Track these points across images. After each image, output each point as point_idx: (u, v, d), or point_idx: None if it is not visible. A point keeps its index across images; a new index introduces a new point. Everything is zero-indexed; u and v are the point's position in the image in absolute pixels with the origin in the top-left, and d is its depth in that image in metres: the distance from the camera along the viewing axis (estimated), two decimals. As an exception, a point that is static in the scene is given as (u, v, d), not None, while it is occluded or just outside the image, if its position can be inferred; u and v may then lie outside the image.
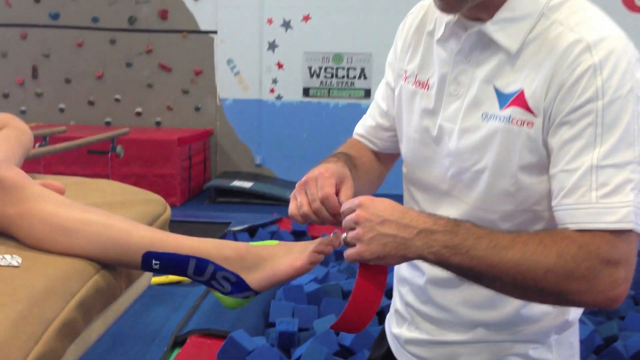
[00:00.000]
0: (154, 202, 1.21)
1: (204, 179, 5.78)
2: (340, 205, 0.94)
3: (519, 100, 0.92)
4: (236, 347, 2.53)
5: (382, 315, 2.48)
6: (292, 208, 0.98)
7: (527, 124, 0.92)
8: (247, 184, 5.26)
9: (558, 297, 0.87)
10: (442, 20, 1.02)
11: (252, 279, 0.99)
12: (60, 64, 6.01)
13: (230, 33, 5.79)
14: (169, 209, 1.23)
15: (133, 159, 4.86)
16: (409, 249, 0.86)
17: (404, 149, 1.12)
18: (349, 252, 0.88)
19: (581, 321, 2.76)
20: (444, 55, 1.02)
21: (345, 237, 0.89)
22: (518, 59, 0.93)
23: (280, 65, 5.78)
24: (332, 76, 5.68)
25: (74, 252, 0.95)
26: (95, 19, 5.93)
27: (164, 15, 5.87)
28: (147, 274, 1.19)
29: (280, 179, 5.74)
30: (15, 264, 0.86)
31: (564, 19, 0.91)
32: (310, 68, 5.73)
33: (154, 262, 0.96)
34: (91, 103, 6.04)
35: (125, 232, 0.97)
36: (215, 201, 5.30)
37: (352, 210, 0.89)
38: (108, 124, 6.03)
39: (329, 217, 0.95)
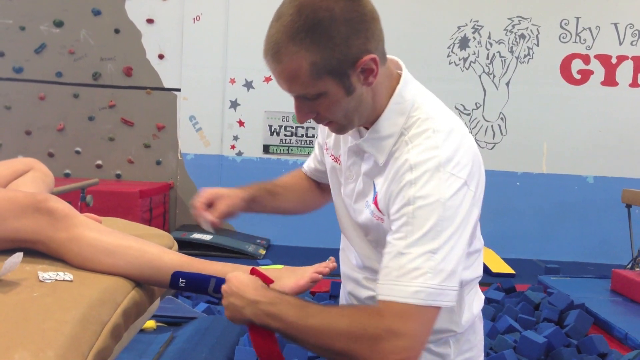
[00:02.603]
0: (163, 237, 1.39)
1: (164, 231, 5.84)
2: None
3: (375, 200, 1.19)
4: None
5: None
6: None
7: (380, 219, 1.18)
8: (207, 237, 5.37)
9: (351, 357, 1.04)
10: None
11: None
12: (21, 116, 6.06)
13: (193, 91, 5.98)
14: (176, 243, 1.40)
15: (95, 210, 4.91)
16: (243, 315, 1.10)
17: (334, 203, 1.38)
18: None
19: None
20: (346, 142, 1.27)
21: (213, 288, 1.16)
22: (385, 168, 1.17)
23: (241, 123, 5.99)
24: (291, 134, 5.92)
25: (115, 271, 1.12)
26: (59, 74, 6.04)
27: (128, 72, 6.03)
28: (159, 299, 1.34)
29: (239, 232, 5.87)
30: (68, 279, 1.02)
31: (410, 138, 1.14)
32: (270, 126, 5.95)
33: (180, 280, 1.13)
34: (51, 155, 6.09)
35: (157, 255, 1.15)
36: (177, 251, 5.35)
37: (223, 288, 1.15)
38: (67, 175, 6.08)
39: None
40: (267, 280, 1.15)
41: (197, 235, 5.40)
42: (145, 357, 3.17)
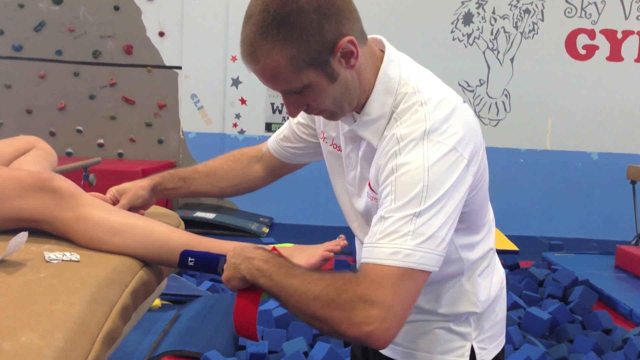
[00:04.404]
0: (170, 216, 1.37)
1: (166, 210, 5.83)
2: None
3: (369, 182, 1.17)
4: (210, 367, 2.62)
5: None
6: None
7: (375, 199, 1.16)
8: (210, 215, 5.36)
9: (325, 323, 1.02)
10: None
11: None
12: (22, 95, 6.03)
13: (194, 69, 5.93)
14: (182, 223, 1.38)
15: (97, 189, 4.90)
16: (238, 271, 1.08)
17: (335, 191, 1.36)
18: (223, 278, 1.12)
19: (533, 343, 2.97)
20: (343, 129, 1.24)
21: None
22: (378, 149, 1.15)
23: (243, 101, 5.95)
24: (293, 112, 5.88)
25: (122, 251, 1.10)
26: (59, 52, 6.00)
27: (128, 50, 5.98)
28: (166, 279, 1.33)
29: (242, 210, 5.86)
30: (75, 259, 1.00)
31: (398, 114, 1.12)
32: (272, 104, 5.92)
33: (189, 259, 1.11)
34: (52, 134, 6.07)
35: (165, 234, 1.13)
36: (179, 231, 5.36)
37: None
38: (69, 154, 6.06)
39: None
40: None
41: (200, 214, 5.39)
42: (151, 335, 3.18)
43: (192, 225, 5.34)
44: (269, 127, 5.94)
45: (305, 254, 1.18)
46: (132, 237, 1.11)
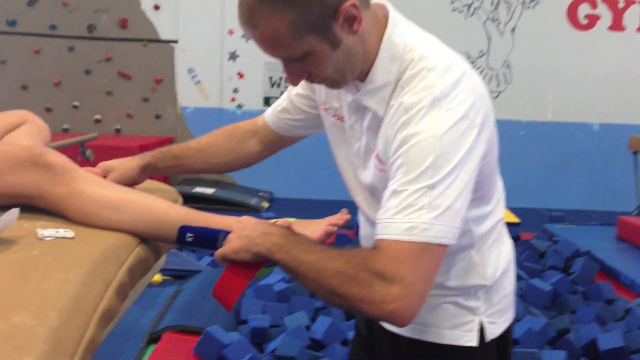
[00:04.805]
0: (168, 191, 1.33)
1: (165, 186, 5.81)
2: None
3: (377, 153, 1.13)
4: (212, 341, 2.61)
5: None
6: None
7: (383, 171, 1.12)
8: (209, 190, 5.34)
9: (346, 300, 1.00)
10: None
11: None
12: (17, 71, 5.97)
13: (191, 43, 5.86)
14: (181, 197, 1.34)
15: (95, 165, 4.88)
16: (253, 245, 1.04)
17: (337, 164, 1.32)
18: (221, 250, 1.07)
19: (535, 315, 2.97)
20: (346, 99, 1.20)
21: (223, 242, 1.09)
22: (384, 119, 1.10)
23: (241, 75, 5.89)
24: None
25: (118, 227, 1.06)
26: (53, 27, 5.92)
27: (123, 24, 5.91)
28: (165, 255, 1.30)
29: (241, 185, 5.83)
30: (69, 236, 0.96)
31: (404, 82, 1.08)
32: (271, 78, 5.86)
33: (188, 235, 1.07)
34: (48, 110, 6.01)
35: (163, 209, 1.09)
36: (179, 207, 5.35)
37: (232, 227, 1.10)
38: (66, 130, 6.01)
39: None
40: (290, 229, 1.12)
41: (199, 189, 5.37)
42: (152, 311, 3.17)
43: (191, 200, 5.31)
44: (267, 102, 5.88)
45: (307, 229, 1.14)
46: (129, 212, 1.07)
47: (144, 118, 6.01)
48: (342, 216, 1.21)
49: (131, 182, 1.33)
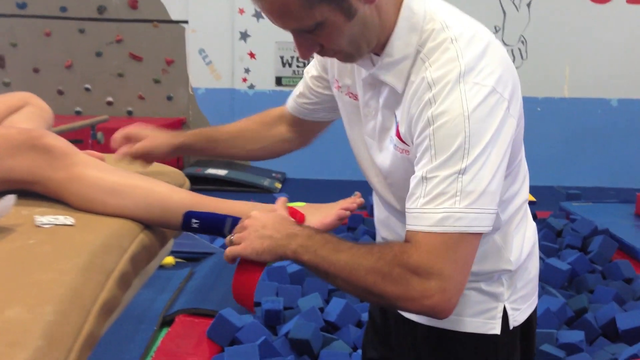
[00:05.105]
0: (174, 174, 1.29)
1: (178, 167, 5.77)
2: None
3: (397, 131, 1.05)
4: (225, 324, 2.59)
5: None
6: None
7: (405, 151, 1.05)
8: (221, 172, 5.30)
9: (382, 298, 0.96)
10: None
11: None
12: (28, 54, 5.95)
13: (201, 23, 5.80)
14: (188, 181, 1.30)
15: (107, 148, 4.85)
16: (278, 247, 1.00)
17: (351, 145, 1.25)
18: (232, 249, 1.02)
19: (552, 294, 2.92)
20: (360, 75, 1.13)
21: (232, 238, 1.03)
22: (403, 95, 1.03)
23: (252, 55, 5.83)
24: (304, 65, 5.73)
25: (121, 213, 1.02)
26: (63, 9, 5.88)
27: (133, 4, 5.85)
28: (171, 241, 1.26)
29: (254, 166, 5.80)
30: (69, 223, 0.93)
31: (426, 54, 1.00)
32: (282, 57, 5.79)
33: (193, 221, 1.03)
34: (60, 92, 6.00)
35: (167, 194, 1.05)
36: (190, 188, 5.33)
37: (243, 222, 1.04)
38: (78, 113, 6.00)
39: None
40: (300, 218, 1.07)
41: (211, 171, 5.34)
42: (165, 293, 3.16)
43: (204, 182, 5.29)
44: (279, 81, 5.82)
45: (319, 213, 1.09)
46: (131, 198, 1.03)
47: (156, 100, 5.98)
48: (354, 199, 1.16)
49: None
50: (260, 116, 1.44)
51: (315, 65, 1.30)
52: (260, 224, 1.01)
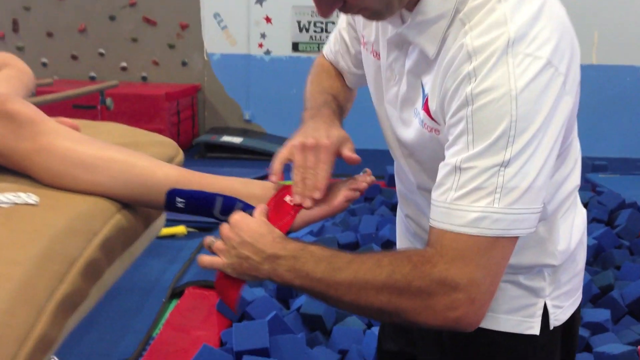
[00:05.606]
0: (166, 145, 1.16)
1: (193, 135, 5.70)
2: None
3: (426, 105, 0.90)
4: (235, 299, 2.51)
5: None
6: (277, 165, 0.98)
7: (435, 130, 0.89)
8: (237, 139, 5.20)
9: (397, 315, 0.83)
10: None
11: None
12: (42, 17, 5.84)
13: (216, -14, 5.64)
14: (181, 152, 1.17)
15: (120, 114, 4.76)
16: (259, 271, 0.87)
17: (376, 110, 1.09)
18: (212, 260, 0.90)
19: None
20: (385, 32, 0.96)
21: (213, 243, 0.91)
22: (435, 61, 0.88)
23: (268, 20, 5.66)
24: (321, 30, 5.57)
25: (95, 190, 0.90)
26: (76, -29, 5.75)
27: (147, -33, 5.71)
28: (162, 218, 1.14)
29: (270, 134, 5.68)
30: (32, 202, 0.81)
31: (466, 16, 0.83)
32: (299, 22, 5.61)
33: (178, 200, 0.91)
34: (74, 57, 5.90)
35: (149, 169, 0.92)
36: (205, 156, 5.25)
37: (222, 230, 0.91)
38: (93, 78, 5.90)
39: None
40: (287, 222, 0.93)
41: (227, 138, 5.23)
42: (176, 264, 3.11)
43: (219, 150, 5.20)
44: (295, 47, 5.65)
45: (326, 194, 0.94)
46: (107, 173, 0.90)
47: (170, 65, 5.86)
48: (364, 177, 0.98)
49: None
50: (334, 73, 1.24)
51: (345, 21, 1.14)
52: (238, 240, 0.88)
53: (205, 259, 0.90)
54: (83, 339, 2.46)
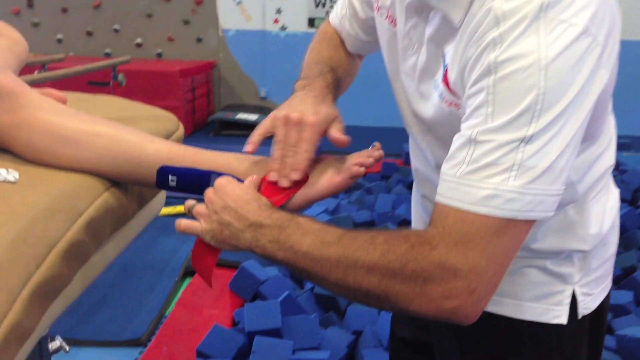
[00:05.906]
0: (165, 119, 1.10)
1: (208, 112, 5.66)
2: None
3: (445, 77, 0.82)
4: (248, 277, 2.48)
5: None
6: (256, 136, 0.89)
7: (454, 104, 0.81)
8: (252, 117, 5.14)
9: (386, 300, 0.74)
10: None
11: None
12: (56, -7, 5.82)
13: (231, -40, 5.56)
14: (181, 127, 1.11)
15: (135, 91, 4.72)
16: (239, 241, 0.80)
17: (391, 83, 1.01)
18: (190, 224, 0.83)
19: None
20: None
21: (193, 206, 0.84)
22: (459, 29, 0.79)
23: (284, -6, 5.58)
24: (338, 4, 5.48)
25: (80, 167, 0.84)
26: (91, -54, 5.70)
27: (162, -58, 5.63)
28: (161, 195, 1.09)
29: (285, 111, 5.62)
30: (11, 179, 0.75)
31: None
32: (315, -4, 5.53)
33: (170, 178, 0.85)
34: (89, 33, 5.87)
35: (139, 144, 0.86)
36: (220, 134, 5.21)
37: (207, 193, 0.85)
38: (108, 55, 5.87)
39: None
40: (280, 199, 0.85)
41: (242, 115, 5.19)
42: (189, 243, 3.07)
43: (234, 127, 5.16)
44: (311, 23, 5.56)
45: (327, 169, 0.86)
46: (92, 148, 0.84)
47: (185, 41, 5.81)
48: (371, 152, 0.88)
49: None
50: (337, 42, 1.15)
51: None
52: (221, 204, 0.80)
53: (182, 222, 0.83)
54: (95, 317, 2.44)
